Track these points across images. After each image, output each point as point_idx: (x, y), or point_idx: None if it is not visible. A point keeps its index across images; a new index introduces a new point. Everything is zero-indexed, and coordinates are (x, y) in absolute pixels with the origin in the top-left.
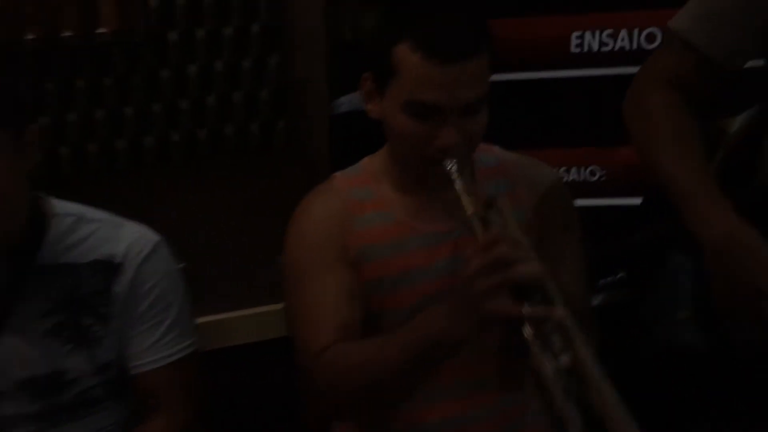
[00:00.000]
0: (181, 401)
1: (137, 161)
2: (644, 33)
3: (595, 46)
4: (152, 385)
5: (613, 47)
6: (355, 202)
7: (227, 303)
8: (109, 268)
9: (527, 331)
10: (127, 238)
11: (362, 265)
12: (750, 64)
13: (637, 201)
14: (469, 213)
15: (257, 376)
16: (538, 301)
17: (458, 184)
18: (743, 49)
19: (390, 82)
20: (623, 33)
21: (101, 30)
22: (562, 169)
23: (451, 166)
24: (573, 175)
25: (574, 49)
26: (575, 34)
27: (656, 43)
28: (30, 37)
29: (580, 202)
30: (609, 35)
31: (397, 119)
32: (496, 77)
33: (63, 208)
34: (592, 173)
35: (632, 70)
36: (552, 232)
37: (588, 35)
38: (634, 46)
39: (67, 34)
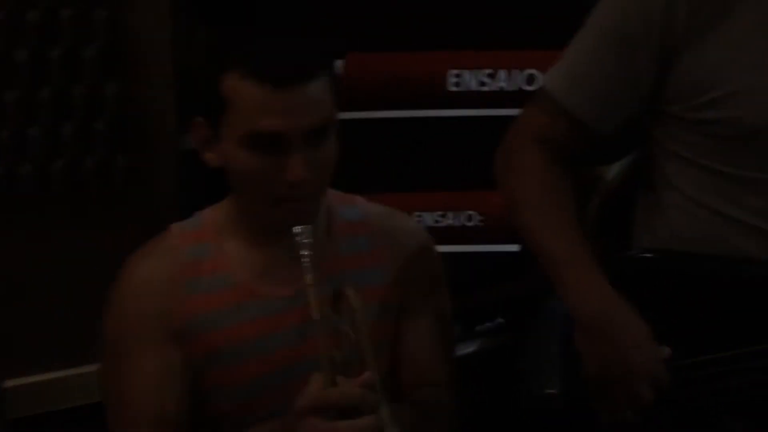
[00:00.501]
0: None
1: None
2: (524, 74)
3: (474, 85)
4: None
5: (492, 87)
6: (189, 263)
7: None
8: None
9: None
10: None
11: (193, 338)
12: None
13: (515, 247)
14: (315, 317)
15: None
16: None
17: (307, 276)
18: (615, 115)
19: (222, 118)
20: (502, 73)
21: None
22: (438, 213)
23: (301, 235)
24: (450, 219)
25: (451, 87)
26: (452, 71)
27: (535, 85)
28: None
29: (458, 248)
30: (488, 75)
31: (236, 157)
32: (364, 115)
33: None
34: (469, 218)
35: (511, 111)
36: (414, 298)
37: (467, 74)
38: (514, 86)
39: None
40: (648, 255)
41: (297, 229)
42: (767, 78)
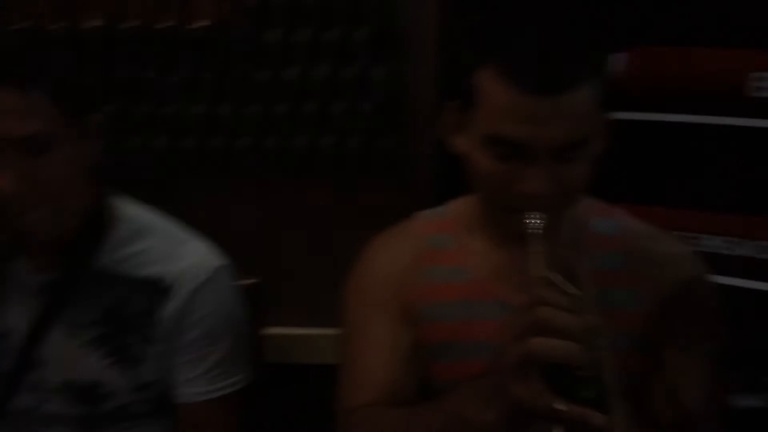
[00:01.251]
0: None
1: (213, 162)
2: None
3: None
4: (189, 416)
5: None
6: (429, 251)
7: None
8: (158, 289)
9: None
10: (183, 260)
11: (422, 325)
12: None
13: None
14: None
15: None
16: (585, 396)
17: (534, 246)
18: None
19: (471, 111)
20: None
21: (199, 24)
22: (724, 238)
23: (533, 220)
24: (739, 248)
25: (752, 93)
26: (755, 74)
27: None
28: (125, 26)
29: (746, 284)
30: None
31: (475, 155)
32: (644, 116)
33: (128, 211)
34: (759, 249)
35: None
36: (676, 336)
37: None
38: None
39: (165, 25)
40: None
41: (530, 217)
42: None
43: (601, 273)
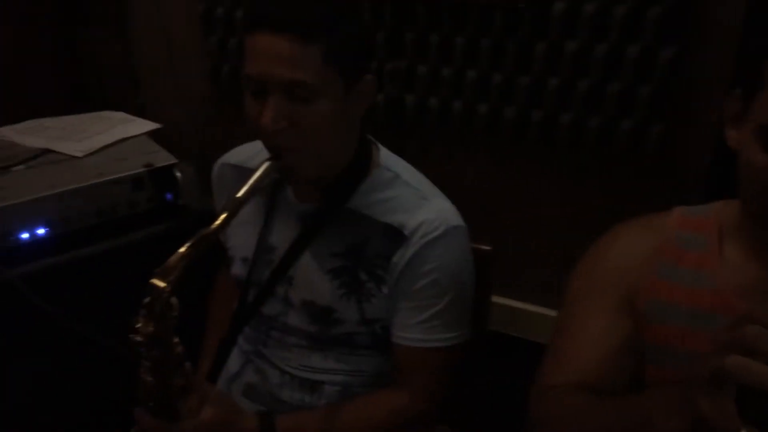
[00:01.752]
0: (426, 387)
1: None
2: None
3: None
4: (404, 360)
5: None
6: (674, 248)
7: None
8: (397, 237)
9: None
10: (424, 213)
11: (649, 323)
12: None
13: None
14: None
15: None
16: None
17: None
18: None
19: (750, 103)
20: None
21: None
22: None
23: None
24: None
25: None
26: None
27: None
28: None
29: None
30: None
31: (747, 150)
32: None
33: (387, 161)
34: None
35: None
36: None
37: None
38: None
39: None
40: None
41: None
42: None
43: None
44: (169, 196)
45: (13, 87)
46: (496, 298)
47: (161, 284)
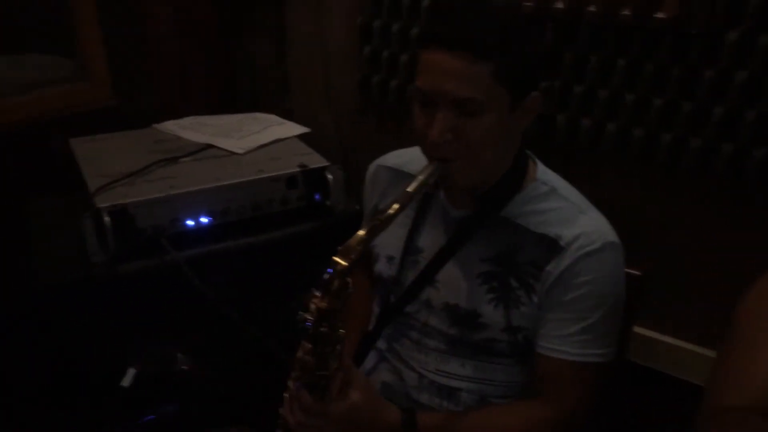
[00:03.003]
0: (569, 402)
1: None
2: None
3: None
4: (547, 370)
5: None
6: None
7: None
8: (552, 247)
9: None
10: (582, 226)
11: None
12: None
13: None
14: None
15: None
16: None
17: None
18: None
19: None
20: None
21: (659, 15)
22: None
23: None
24: None
25: None
26: None
27: None
28: (589, 9)
29: None
30: None
31: None
32: None
33: (544, 175)
34: None
35: None
36: None
37: None
38: None
39: (625, 13)
40: None
41: None
42: None
43: None
44: (317, 196)
45: (175, 84)
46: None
47: (342, 262)
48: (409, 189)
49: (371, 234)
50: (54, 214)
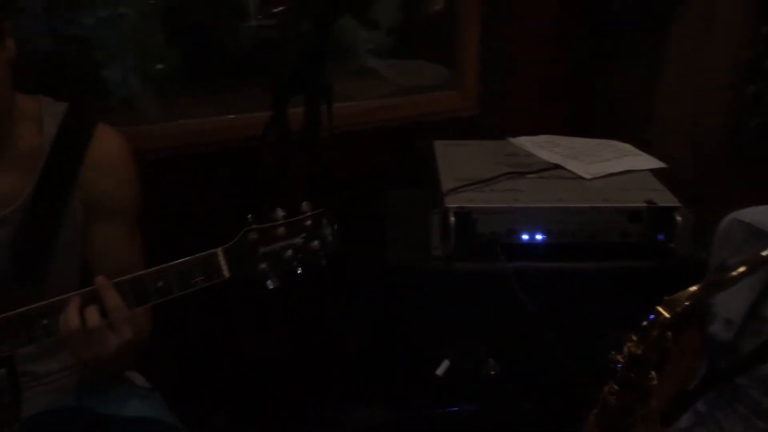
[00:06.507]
0: None
1: None
2: None
3: None
4: None
5: None
6: None
7: None
8: None
9: None
10: None
11: None
12: None
13: None
14: None
15: None
16: None
17: None
18: None
19: None
20: None
21: None
22: None
23: None
24: None
25: None
26: None
27: None
28: None
29: None
30: None
31: None
32: None
33: None
34: None
35: None
36: None
37: None
38: None
39: None
40: None
41: None
42: None
43: None
44: (661, 236)
45: (534, 103)
46: None
47: (666, 314)
48: (764, 253)
49: (705, 292)
50: (407, 205)
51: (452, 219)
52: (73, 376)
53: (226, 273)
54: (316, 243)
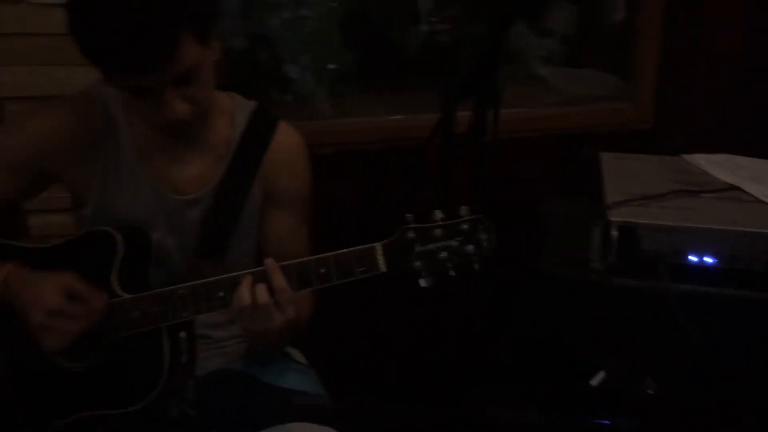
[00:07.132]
0: None
1: None
2: None
3: None
4: None
5: None
6: None
7: None
8: None
9: None
10: None
11: None
12: None
13: None
14: None
15: None
16: None
17: None
18: None
19: None
20: None
21: None
22: None
23: None
24: None
25: None
26: None
27: None
28: None
29: None
30: None
31: None
32: None
33: None
34: None
35: None
36: None
37: None
38: None
39: None
40: None
41: None
42: None
43: None
44: None
45: (713, 119)
46: None
47: None
48: None
49: None
50: (566, 215)
51: (614, 233)
52: (243, 344)
53: (383, 267)
54: (471, 247)
